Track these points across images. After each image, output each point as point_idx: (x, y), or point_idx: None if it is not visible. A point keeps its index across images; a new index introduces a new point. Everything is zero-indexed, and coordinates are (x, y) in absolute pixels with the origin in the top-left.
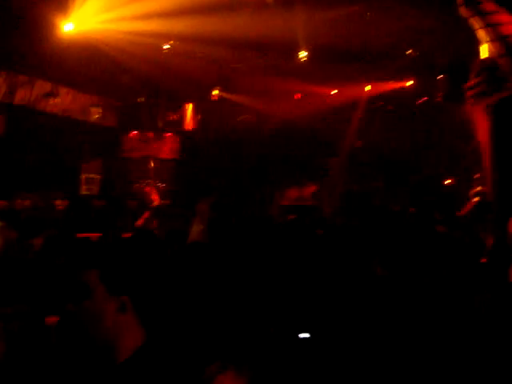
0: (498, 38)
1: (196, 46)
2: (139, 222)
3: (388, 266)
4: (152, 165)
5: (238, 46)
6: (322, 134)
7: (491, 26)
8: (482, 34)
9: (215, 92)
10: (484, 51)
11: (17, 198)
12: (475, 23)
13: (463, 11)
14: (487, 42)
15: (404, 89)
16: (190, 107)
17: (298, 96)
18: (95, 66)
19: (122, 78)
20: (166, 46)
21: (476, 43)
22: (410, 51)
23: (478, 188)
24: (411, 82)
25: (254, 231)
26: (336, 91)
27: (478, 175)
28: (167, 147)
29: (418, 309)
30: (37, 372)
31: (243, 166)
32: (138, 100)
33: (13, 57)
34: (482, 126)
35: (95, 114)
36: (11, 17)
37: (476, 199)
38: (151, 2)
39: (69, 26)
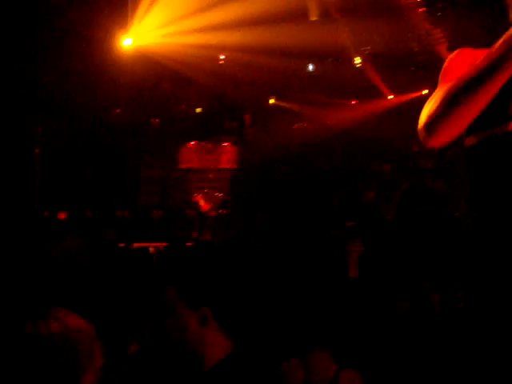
0: None
1: (252, 56)
2: (196, 233)
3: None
4: (210, 175)
5: (293, 54)
6: (378, 140)
7: None
8: None
9: (271, 101)
10: None
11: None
12: None
13: None
14: None
15: None
16: (246, 117)
17: (353, 103)
18: (153, 79)
19: (181, 90)
20: (222, 57)
21: None
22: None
23: None
24: None
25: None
26: (392, 96)
27: None
28: (225, 157)
29: None
30: None
31: (299, 174)
32: (196, 111)
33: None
34: None
35: (155, 126)
36: (73, 34)
37: None
38: (208, 15)
39: (128, 41)
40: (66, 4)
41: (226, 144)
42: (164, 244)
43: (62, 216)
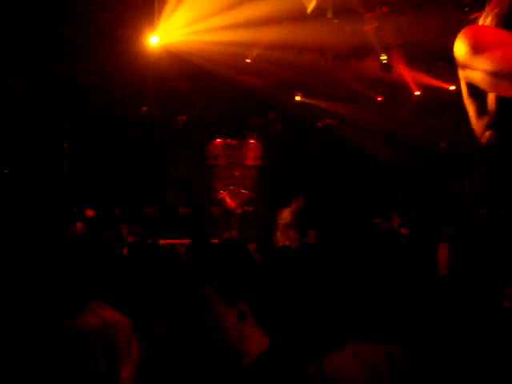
0: None
1: (278, 52)
2: (222, 229)
3: None
4: (236, 172)
5: (318, 51)
6: (404, 136)
7: None
8: None
9: (297, 97)
10: None
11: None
12: None
13: None
14: None
15: None
16: (272, 114)
17: (379, 99)
18: (180, 76)
19: (207, 87)
20: (249, 56)
21: None
22: None
23: None
24: None
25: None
26: (419, 93)
27: None
28: (251, 154)
29: None
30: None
31: (325, 170)
32: (222, 107)
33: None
34: None
35: (181, 123)
36: (99, 34)
37: None
38: (234, 13)
39: (155, 39)
40: (92, 3)
41: (251, 141)
42: (189, 241)
43: (90, 213)
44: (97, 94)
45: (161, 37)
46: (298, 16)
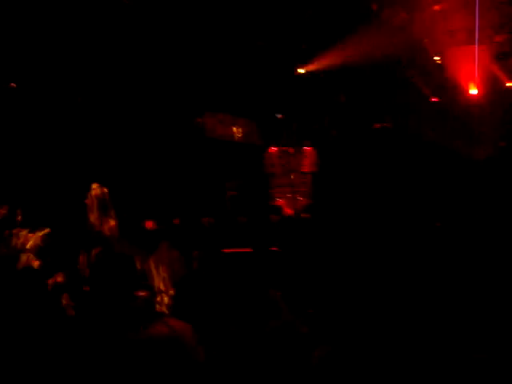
0: None
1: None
2: (280, 238)
3: None
4: (292, 179)
5: (373, 58)
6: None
7: None
8: None
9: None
10: None
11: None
12: None
13: None
14: None
15: None
16: (326, 119)
17: (434, 100)
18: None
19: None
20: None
21: None
22: None
23: None
24: None
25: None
26: (476, 92)
27: None
28: (307, 161)
29: None
30: None
31: (382, 176)
32: (278, 116)
33: None
34: None
35: (238, 133)
36: None
37: None
38: None
39: None
40: None
41: (307, 148)
42: (249, 250)
43: (150, 225)
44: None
45: None
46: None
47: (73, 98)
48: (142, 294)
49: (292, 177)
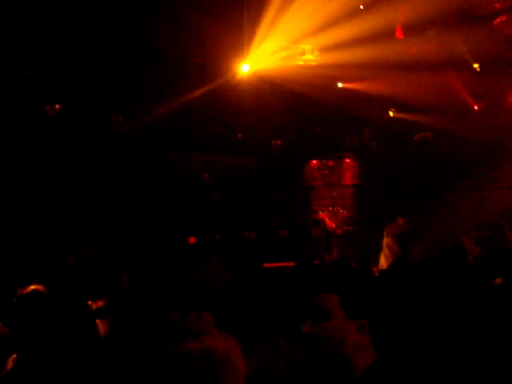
0: None
1: (369, 70)
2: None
3: None
4: (334, 192)
5: (409, 67)
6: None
7: None
8: None
9: (391, 113)
10: None
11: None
12: None
13: None
14: None
15: None
16: (366, 131)
17: (475, 109)
18: (273, 101)
19: (301, 109)
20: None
21: None
22: None
23: None
24: None
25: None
26: None
27: None
28: (348, 173)
29: None
30: None
31: (424, 186)
32: (317, 129)
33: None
34: None
35: (277, 147)
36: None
37: None
38: (323, 36)
39: (246, 67)
40: (183, 35)
41: (347, 160)
42: (292, 264)
43: (192, 240)
44: (193, 125)
45: (251, 64)
46: (387, 33)
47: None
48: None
49: (333, 190)
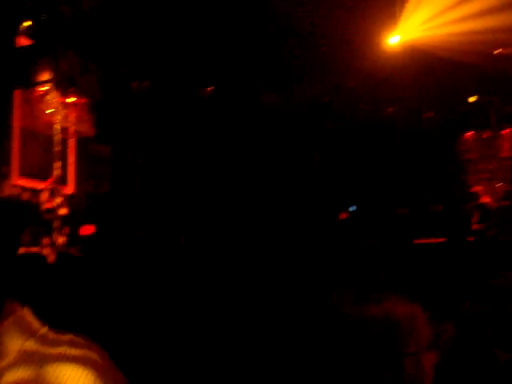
0: None
1: None
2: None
3: None
4: (490, 165)
5: None
6: None
7: None
8: None
9: None
10: None
11: None
12: None
13: None
14: None
15: None
16: None
17: None
18: (426, 73)
19: (455, 80)
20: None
21: None
22: None
23: None
24: None
25: None
26: None
27: None
28: (506, 145)
29: None
30: None
31: None
32: (471, 99)
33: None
34: None
35: (429, 120)
36: (340, 38)
37: None
38: (475, 1)
39: (395, 38)
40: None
41: (505, 132)
42: (444, 240)
43: (344, 216)
44: (344, 101)
45: (402, 35)
46: None
47: None
48: None
49: (490, 162)
